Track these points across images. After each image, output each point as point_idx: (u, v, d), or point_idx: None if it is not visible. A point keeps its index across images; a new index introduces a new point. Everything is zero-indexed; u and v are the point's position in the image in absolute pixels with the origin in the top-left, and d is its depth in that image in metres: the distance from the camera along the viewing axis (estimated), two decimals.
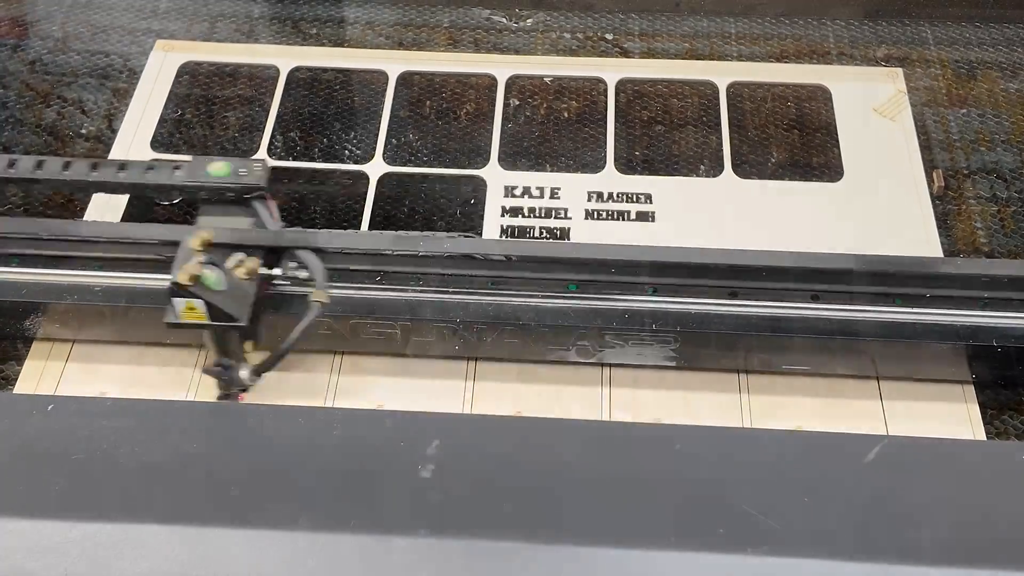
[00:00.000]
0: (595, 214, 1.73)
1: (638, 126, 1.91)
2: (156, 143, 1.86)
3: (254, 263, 1.36)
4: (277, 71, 1.98)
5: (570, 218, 1.73)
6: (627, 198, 1.75)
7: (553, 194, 1.76)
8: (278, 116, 1.91)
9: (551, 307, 1.46)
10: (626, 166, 1.82)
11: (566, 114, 1.92)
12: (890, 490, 1.06)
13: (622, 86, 1.96)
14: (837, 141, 1.85)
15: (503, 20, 2.13)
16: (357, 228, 1.71)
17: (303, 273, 1.39)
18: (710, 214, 1.72)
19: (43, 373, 1.55)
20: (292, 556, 0.99)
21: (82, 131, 1.92)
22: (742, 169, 1.81)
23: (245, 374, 1.37)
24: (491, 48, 2.08)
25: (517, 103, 1.94)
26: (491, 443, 1.12)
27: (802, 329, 1.44)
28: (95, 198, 1.75)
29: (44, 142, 1.90)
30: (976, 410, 1.49)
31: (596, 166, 1.82)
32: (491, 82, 1.96)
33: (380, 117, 1.90)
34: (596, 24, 2.12)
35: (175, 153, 1.85)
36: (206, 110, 1.94)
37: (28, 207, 1.79)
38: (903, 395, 1.51)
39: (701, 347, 1.49)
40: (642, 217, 1.72)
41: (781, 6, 2.13)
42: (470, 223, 1.73)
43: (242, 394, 1.43)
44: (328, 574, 0.99)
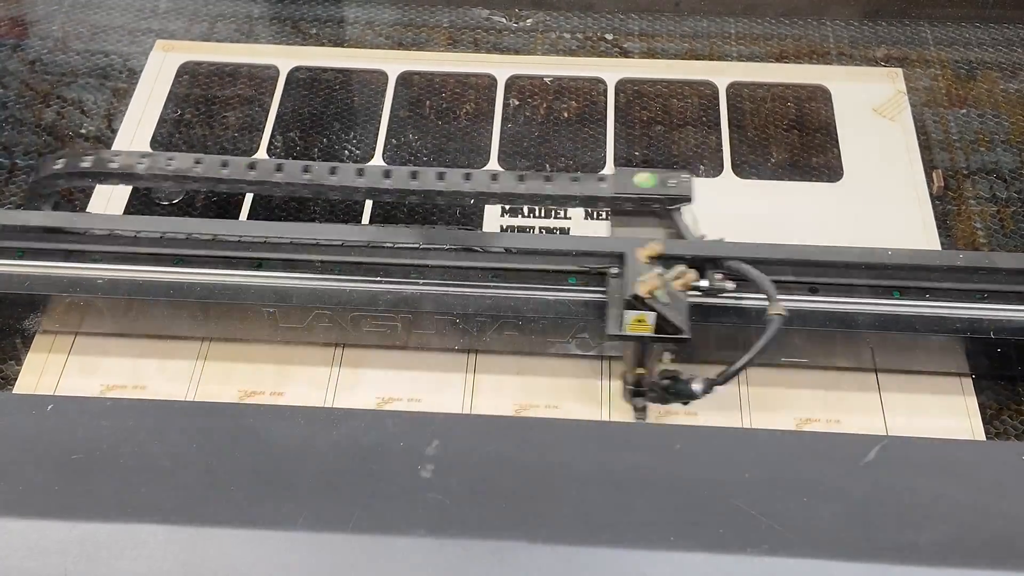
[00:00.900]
0: (595, 214, 1.73)
1: (638, 126, 1.91)
2: (156, 143, 1.86)
3: (693, 276, 1.36)
4: (277, 71, 1.98)
5: (569, 218, 1.73)
6: None
7: None
8: (278, 116, 1.91)
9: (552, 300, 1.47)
10: (626, 166, 1.82)
11: (566, 114, 1.93)
12: (890, 490, 1.06)
13: (622, 86, 1.96)
14: (837, 141, 1.85)
15: (503, 20, 2.13)
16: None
17: (730, 284, 1.39)
18: (710, 214, 1.72)
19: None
20: (292, 556, 0.99)
21: (82, 131, 1.92)
22: (742, 169, 1.82)
23: (699, 387, 1.37)
24: (491, 48, 2.08)
25: (517, 103, 1.94)
26: (491, 443, 1.12)
27: (801, 322, 1.44)
28: (98, 189, 1.75)
29: (44, 142, 1.90)
30: (974, 401, 1.50)
31: (596, 166, 1.82)
32: (491, 82, 1.96)
33: (380, 117, 1.90)
34: (596, 24, 2.12)
35: None
36: (206, 110, 1.94)
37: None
38: (901, 388, 1.52)
39: (700, 340, 1.48)
40: None
41: (781, 6, 2.13)
42: (469, 223, 1.73)
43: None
44: (328, 574, 0.99)
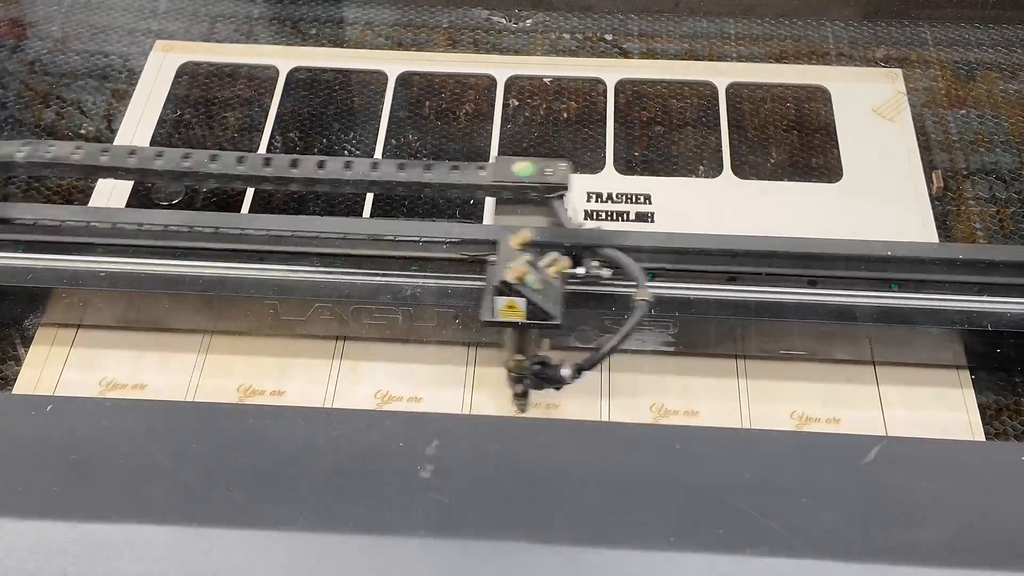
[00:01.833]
0: (594, 214, 1.73)
1: (637, 127, 1.91)
2: (155, 143, 1.86)
3: (566, 263, 1.37)
4: (276, 71, 1.98)
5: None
6: (626, 199, 1.75)
7: None
8: (277, 116, 1.91)
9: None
10: (625, 167, 1.82)
11: (565, 115, 1.93)
12: (890, 490, 1.06)
13: (621, 87, 1.96)
14: (836, 142, 1.85)
15: (503, 20, 2.13)
16: None
17: (606, 272, 1.40)
18: (709, 214, 1.73)
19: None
20: (292, 556, 0.99)
21: (81, 131, 1.92)
22: (741, 170, 1.82)
23: (567, 372, 1.36)
24: (490, 48, 2.08)
25: (516, 104, 1.94)
26: (491, 443, 1.12)
27: (799, 314, 1.45)
28: (99, 183, 1.76)
29: None
30: (971, 394, 1.50)
31: (595, 167, 1.83)
32: (490, 83, 1.96)
33: (379, 118, 1.90)
34: (595, 25, 2.12)
35: None
36: (205, 110, 1.94)
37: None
38: (899, 380, 1.51)
39: (699, 332, 1.50)
40: (641, 218, 1.72)
41: (780, 6, 2.13)
42: (471, 217, 1.73)
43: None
44: (328, 574, 0.99)
